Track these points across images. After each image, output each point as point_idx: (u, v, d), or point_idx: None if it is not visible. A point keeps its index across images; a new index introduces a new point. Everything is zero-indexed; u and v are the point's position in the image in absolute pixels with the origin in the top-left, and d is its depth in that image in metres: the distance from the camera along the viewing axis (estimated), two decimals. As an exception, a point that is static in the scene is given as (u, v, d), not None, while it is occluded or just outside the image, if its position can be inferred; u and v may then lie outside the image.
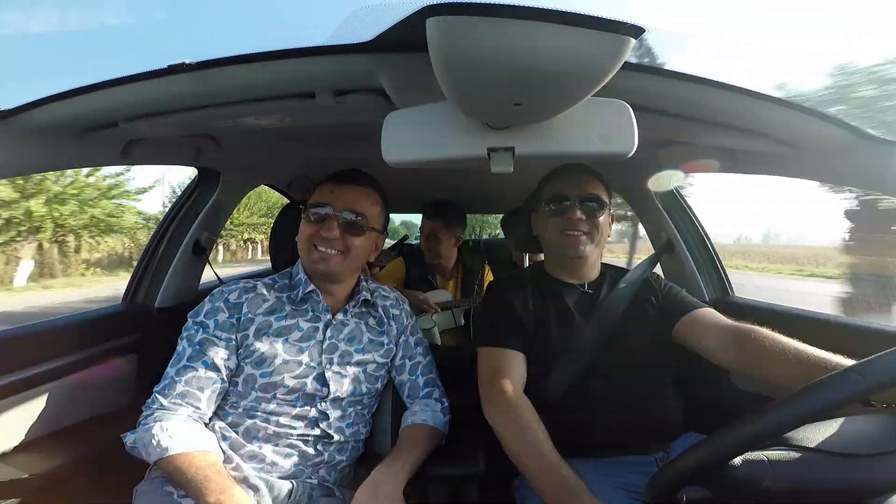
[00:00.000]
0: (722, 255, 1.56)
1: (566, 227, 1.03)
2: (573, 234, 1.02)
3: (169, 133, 1.01)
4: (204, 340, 0.89)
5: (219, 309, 0.92)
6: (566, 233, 1.03)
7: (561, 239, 1.04)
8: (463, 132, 0.68)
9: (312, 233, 0.94)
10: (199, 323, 0.91)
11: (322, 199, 0.95)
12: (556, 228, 1.04)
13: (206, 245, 1.54)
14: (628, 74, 0.72)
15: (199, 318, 0.92)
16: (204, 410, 0.86)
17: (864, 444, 0.54)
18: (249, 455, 0.87)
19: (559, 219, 1.04)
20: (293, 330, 0.93)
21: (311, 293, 0.97)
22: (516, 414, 0.86)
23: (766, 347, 0.84)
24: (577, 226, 1.02)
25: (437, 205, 1.97)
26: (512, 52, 0.45)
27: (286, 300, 0.97)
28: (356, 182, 0.99)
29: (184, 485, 0.75)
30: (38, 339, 1.09)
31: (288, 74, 0.73)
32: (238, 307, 0.92)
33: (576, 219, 1.02)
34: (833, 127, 0.82)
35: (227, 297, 0.93)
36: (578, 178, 1.06)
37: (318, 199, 0.96)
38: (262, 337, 0.90)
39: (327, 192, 0.96)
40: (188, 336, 0.91)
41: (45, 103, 0.79)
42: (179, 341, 0.91)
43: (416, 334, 1.09)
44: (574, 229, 1.02)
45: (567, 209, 1.03)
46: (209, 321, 0.91)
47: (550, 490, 0.76)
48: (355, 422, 0.97)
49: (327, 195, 0.96)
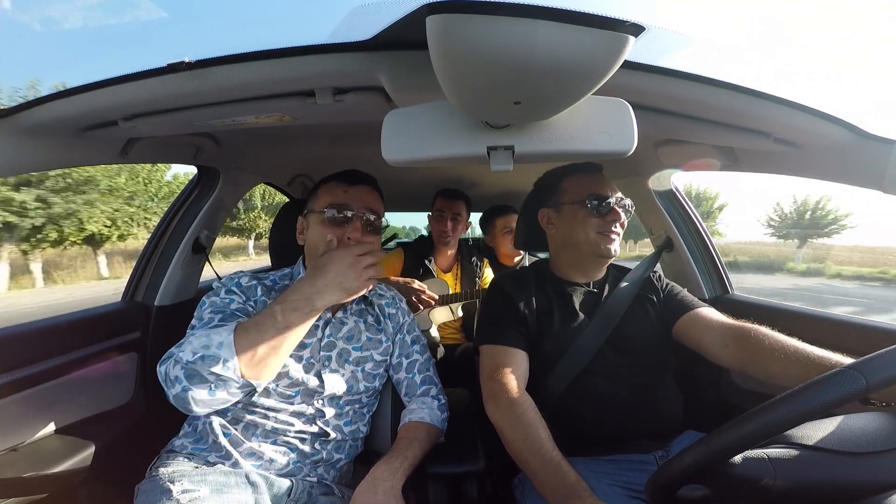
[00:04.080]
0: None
1: (605, 228, 1.04)
2: (611, 234, 1.04)
3: (169, 132, 1.01)
4: (237, 311, 0.88)
5: (232, 291, 0.92)
6: (605, 233, 1.04)
7: (599, 239, 1.05)
8: (462, 131, 0.68)
9: (339, 236, 0.91)
10: (235, 292, 0.91)
11: (340, 201, 0.94)
12: (595, 228, 1.05)
13: (205, 244, 1.54)
14: (628, 73, 0.72)
15: (225, 293, 0.91)
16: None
17: (864, 442, 0.54)
18: (249, 452, 0.87)
19: (599, 219, 1.04)
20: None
21: None
22: (517, 411, 0.86)
23: (766, 346, 0.84)
24: (616, 227, 1.04)
25: (456, 189, 2.05)
26: (512, 50, 0.45)
27: None
28: (366, 182, 0.99)
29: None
30: (38, 338, 1.09)
31: (288, 73, 0.72)
32: (252, 290, 0.94)
33: (619, 221, 1.04)
34: (833, 126, 0.82)
35: (239, 281, 0.95)
36: (608, 180, 1.08)
37: (334, 201, 0.94)
38: None
39: (342, 193, 0.95)
40: (219, 306, 0.88)
41: (45, 102, 0.80)
42: (204, 312, 0.88)
43: (413, 332, 1.09)
44: (614, 230, 1.04)
45: (609, 210, 1.04)
46: (227, 298, 0.90)
47: (551, 488, 0.76)
48: (353, 420, 0.97)
49: (343, 196, 0.94)
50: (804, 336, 0.83)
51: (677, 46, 0.68)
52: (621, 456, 0.93)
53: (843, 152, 0.87)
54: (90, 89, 0.77)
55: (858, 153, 0.86)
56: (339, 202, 0.93)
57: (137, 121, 0.87)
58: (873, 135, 0.83)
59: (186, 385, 0.73)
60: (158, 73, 0.73)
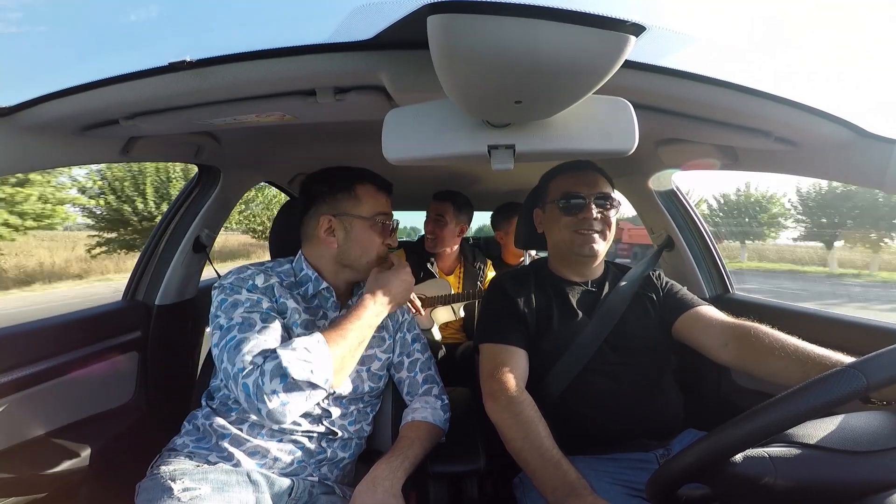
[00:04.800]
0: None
1: (580, 226, 1.02)
2: (587, 233, 1.02)
3: (170, 130, 1.01)
4: (271, 311, 0.85)
5: (254, 289, 0.88)
6: (580, 231, 1.02)
7: (574, 237, 1.03)
8: (463, 130, 0.68)
9: (381, 244, 0.98)
10: (256, 292, 0.87)
11: (385, 209, 0.98)
12: (569, 227, 1.03)
13: (206, 242, 1.54)
14: (629, 72, 0.72)
15: (247, 292, 0.87)
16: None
17: (864, 441, 0.54)
18: (253, 450, 0.87)
19: (573, 217, 1.03)
20: (309, 326, 0.92)
21: (324, 290, 0.97)
22: (518, 410, 0.86)
23: (766, 344, 0.84)
24: (591, 225, 1.01)
25: (448, 191, 2.04)
26: (513, 50, 0.45)
27: (299, 296, 0.95)
28: (390, 190, 1.03)
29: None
30: (39, 337, 1.09)
31: (289, 72, 0.72)
32: (270, 290, 0.90)
33: (592, 218, 1.01)
34: (834, 125, 0.82)
35: (254, 282, 0.89)
36: (590, 177, 1.05)
37: (382, 209, 0.98)
38: (292, 325, 0.90)
39: (385, 202, 0.99)
40: (251, 306, 0.84)
41: (46, 100, 0.79)
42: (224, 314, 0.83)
43: (413, 331, 1.09)
44: (589, 228, 1.01)
45: (582, 208, 1.02)
46: (254, 295, 0.86)
47: (551, 487, 0.76)
48: (358, 419, 0.97)
49: (385, 205, 0.99)
50: (804, 335, 0.83)
51: (678, 46, 0.68)
52: (622, 454, 0.94)
53: (844, 151, 0.87)
54: (91, 88, 0.77)
55: (859, 152, 0.86)
56: (385, 210, 0.98)
57: (138, 119, 0.87)
58: (874, 134, 0.83)
59: (286, 399, 0.73)
60: (160, 72, 0.73)
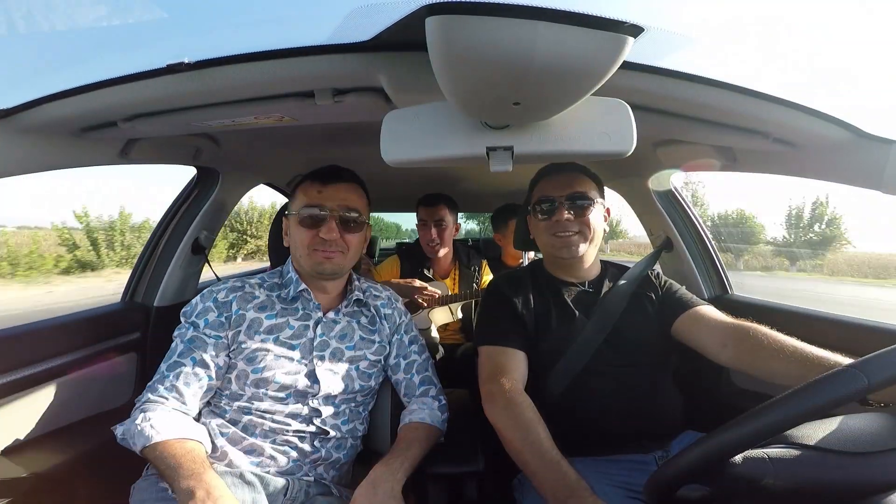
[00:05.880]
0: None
1: (555, 230, 1.02)
2: (563, 236, 1.01)
3: (168, 132, 1.01)
4: (194, 338, 0.90)
5: (209, 308, 0.93)
6: (556, 235, 1.02)
7: (552, 241, 1.03)
8: (462, 131, 0.68)
9: (311, 236, 0.94)
10: (190, 322, 0.93)
11: (313, 201, 0.94)
12: (546, 231, 1.03)
13: (205, 244, 1.54)
14: (627, 73, 0.72)
15: (190, 318, 0.93)
16: (190, 405, 0.87)
17: (864, 442, 0.54)
18: (248, 448, 0.87)
19: (548, 221, 1.03)
20: (284, 328, 0.94)
21: (303, 292, 0.97)
22: (516, 412, 0.86)
23: (765, 345, 0.84)
24: (566, 227, 1.00)
25: (432, 195, 2.01)
26: (511, 51, 0.45)
27: (276, 298, 0.97)
28: (342, 179, 0.98)
29: (163, 472, 0.76)
30: (38, 338, 1.09)
31: (287, 74, 0.73)
32: (227, 305, 0.93)
33: (563, 220, 1.00)
34: (832, 126, 0.82)
35: (216, 297, 0.94)
36: (563, 178, 1.04)
37: (308, 202, 0.95)
38: (254, 334, 0.91)
39: (315, 193, 0.95)
40: (180, 334, 0.93)
41: (44, 103, 0.79)
42: (173, 339, 0.93)
43: (411, 332, 1.09)
44: (564, 231, 1.01)
45: (554, 211, 1.01)
46: (199, 320, 0.92)
47: (550, 488, 0.76)
48: (350, 419, 0.97)
49: (316, 196, 0.95)
50: (803, 336, 0.83)
51: (676, 47, 0.68)
52: (621, 456, 0.93)
53: (842, 152, 0.88)
54: (89, 90, 0.77)
55: (857, 153, 0.86)
56: (314, 202, 0.94)
57: (137, 121, 0.87)
58: (872, 135, 0.83)
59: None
60: (158, 74, 0.73)
